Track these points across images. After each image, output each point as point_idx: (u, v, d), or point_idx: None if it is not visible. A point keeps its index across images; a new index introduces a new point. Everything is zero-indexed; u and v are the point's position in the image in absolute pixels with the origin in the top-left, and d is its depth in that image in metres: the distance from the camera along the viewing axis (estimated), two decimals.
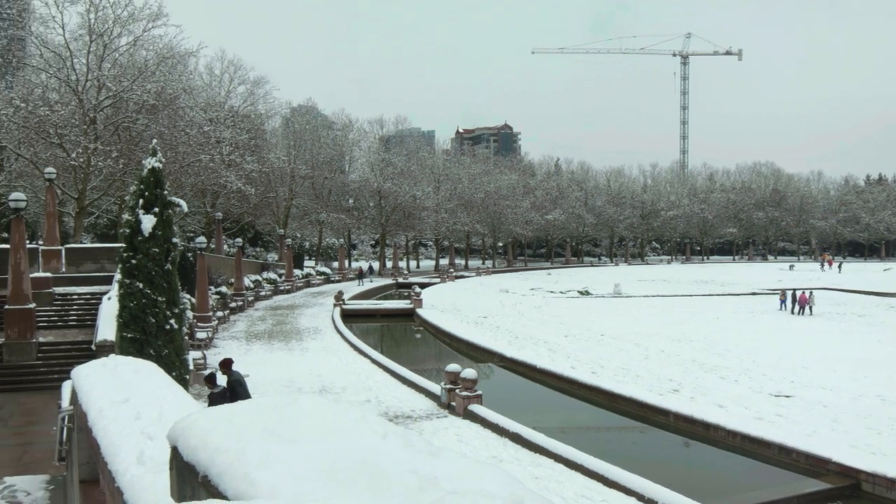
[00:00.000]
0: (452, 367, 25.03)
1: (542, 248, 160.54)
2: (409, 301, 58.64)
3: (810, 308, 54.57)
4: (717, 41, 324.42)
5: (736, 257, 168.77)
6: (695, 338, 40.36)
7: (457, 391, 24.17)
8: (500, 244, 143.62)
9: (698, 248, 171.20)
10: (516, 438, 20.43)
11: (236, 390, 17.18)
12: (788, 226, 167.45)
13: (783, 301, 57.26)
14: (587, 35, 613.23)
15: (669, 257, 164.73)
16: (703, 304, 61.35)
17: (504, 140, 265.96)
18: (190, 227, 70.65)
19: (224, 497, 2.71)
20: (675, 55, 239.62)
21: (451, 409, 24.33)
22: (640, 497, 15.78)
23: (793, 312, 54.68)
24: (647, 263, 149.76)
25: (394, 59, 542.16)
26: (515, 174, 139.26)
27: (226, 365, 17.91)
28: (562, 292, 73.28)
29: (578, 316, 51.62)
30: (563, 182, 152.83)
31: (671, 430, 23.41)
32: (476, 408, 23.35)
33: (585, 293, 72.37)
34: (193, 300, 39.92)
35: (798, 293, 56.49)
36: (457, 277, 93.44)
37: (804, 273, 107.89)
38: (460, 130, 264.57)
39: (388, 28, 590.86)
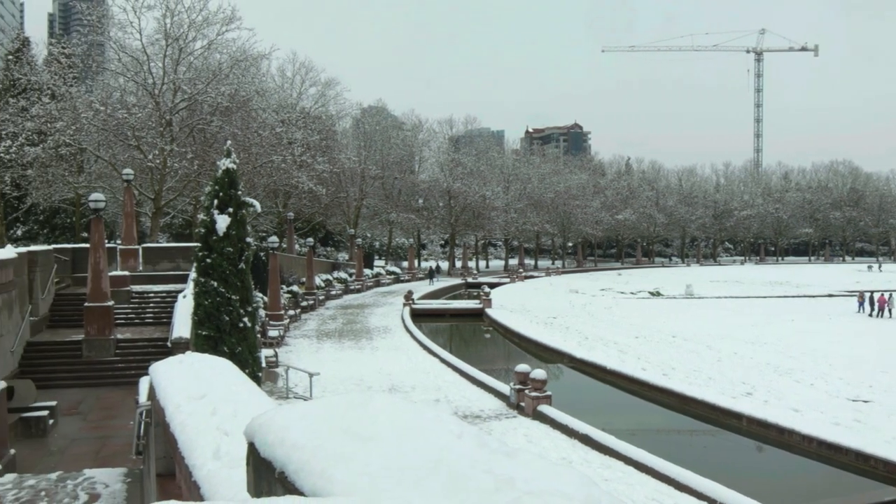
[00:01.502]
0: (522, 367, 24.98)
1: (613, 248, 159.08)
2: (478, 301, 58.61)
3: (890, 310, 53.15)
4: (793, 37, 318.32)
5: (812, 258, 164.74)
6: (769, 340, 39.58)
7: (526, 391, 24.11)
8: (570, 244, 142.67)
9: (772, 249, 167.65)
10: (586, 440, 20.30)
11: None
12: (867, 226, 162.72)
13: (861, 303, 55.86)
14: (658, 33, 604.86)
15: (743, 258, 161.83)
16: (777, 306, 60.14)
17: (574, 139, 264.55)
18: (262, 226, 71.66)
19: (300, 493, 2.75)
20: (748, 52, 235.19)
21: (521, 410, 24.28)
22: (711, 502, 15.54)
23: (871, 315, 53.33)
24: (720, 264, 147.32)
25: (464, 59, 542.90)
26: (585, 174, 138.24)
27: None
28: (632, 293, 72.59)
29: (649, 317, 51.04)
30: (634, 181, 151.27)
31: (744, 434, 23.00)
32: (545, 408, 23.26)
33: (656, 294, 71.59)
34: (266, 299, 40.49)
35: (877, 295, 55.06)
36: (526, 277, 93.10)
37: (883, 274, 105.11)
38: (530, 130, 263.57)
39: (458, 28, 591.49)
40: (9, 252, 27.19)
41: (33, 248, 33.86)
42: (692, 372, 30.33)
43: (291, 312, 47.75)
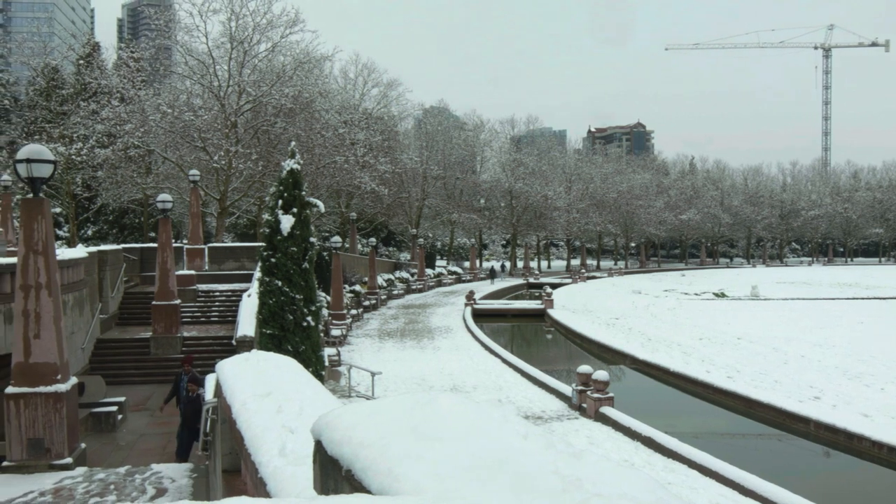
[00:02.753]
0: (584, 368, 24.83)
1: (676, 248, 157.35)
2: (539, 301, 58.38)
3: None
4: (863, 32, 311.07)
5: (882, 259, 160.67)
6: (838, 343, 38.68)
7: (588, 393, 23.95)
8: (633, 244, 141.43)
9: (841, 250, 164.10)
10: (648, 442, 20.08)
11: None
12: None
13: None
14: (723, 30, 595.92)
15: (810, 259, 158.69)
16: (846, 308, 58.73)
17: (637, 139, 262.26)
18: (326, 226, 72.35)
19: (368, 491, 2.76)
20: (816, 48, 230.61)
21: (582, 411, 24.13)
22: None
23: None
24: (786, 265, 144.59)
25: (525, 59, 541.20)
26: (648, 173, 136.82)
27: (189, 362, 18.85)
28: (696, 294, 71.59)
29: (714, 318, 50.27)
30: (698, 181, 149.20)
31: (811, 439, 22.53)
32: (607, 410, 23.08)
33: (721, 295, 70.48)
34: (329, 298, 40.82)
35: None
36: (588, 278, 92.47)
37: None
38: (592, 129, 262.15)
39: (519, 29, 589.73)
40: (80, 251, 27.84)
41: (103, 247, 34.60)
42: (758, 375, 29.81)
43: (354, 312, 48.07)
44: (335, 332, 38.57)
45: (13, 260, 16.51)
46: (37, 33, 79.28)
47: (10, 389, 14.17)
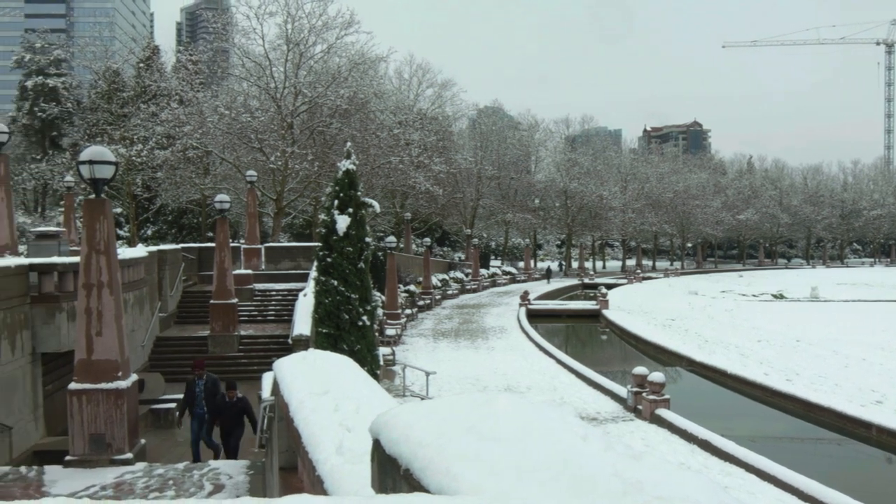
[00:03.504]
0: (639, 369, 24.62)
1: (734, 249, 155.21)
2: (594, 302, 58.02)
3: None
4: None
5: None
6: None
7: (644, 394, 23.74)
8: (689, 245, 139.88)
9: None
10: (705, 445, 19.82)
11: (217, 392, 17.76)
12: None
13: None
14: (781, 26, 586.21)
15: (872, 260, 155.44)
16: None
17: (693, 138, 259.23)
18: (380, 226, 72.67)
19: (426, 490, 2.77)
20: (878, 44, 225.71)
21: (638, 413, 23.92)
22: None
23: None
24: (847, 266, 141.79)
25: (580, 58, 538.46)
26: (705, 173, 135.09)
27: (201, 366, 18.28)
28: (754, 295, 70.55)
29: (772, 320, 49.43)
30: (756, 180, 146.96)
31: (873, 444, 22.04)
32: (663, 412, 22.84)
33: (780, 297, 69.38)
34: (383, 298, 40.98)
35: None
36: (644, 278, 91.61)
37: None
38: (647, 129, 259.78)
39: (574, 28, 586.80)
40: (140, 251, 28.34)
41: (162, 247, 35.18)
42: (817, 378, 29.26)
43: (408, 311, 48.20)
44: (390, 331, 38.73)
45: (76, 259, 16.85)
46: (98, 38, 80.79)
47: (72, 386, 14.46)
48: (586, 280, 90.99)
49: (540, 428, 2.96)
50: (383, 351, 30.44)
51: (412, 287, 55.30)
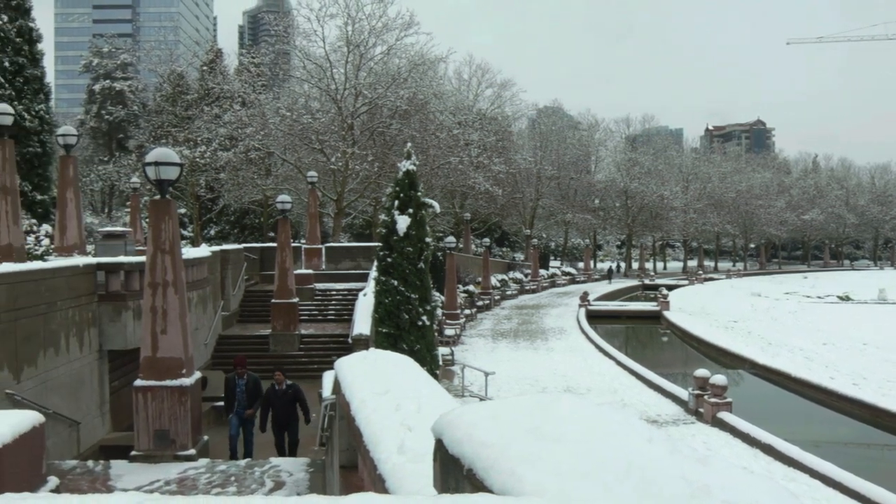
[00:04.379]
0: (701, 372, 24.33)
1: (798, 249, 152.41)
2: (655, 303, 57.45)
3: None
4: None
5: None
6: None
7: (705, 397, 23.44)
8: (752, 246, 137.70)
9: None
10: (768, 450, 19.49)
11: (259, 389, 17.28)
12: None
13: None
14: (846, 22, 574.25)
15: None
16: None
17: (756, 137, 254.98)
18: (440, 227, 72.80)
19: (489, 491, 2.75)
20: None
21: (699, 416, 23.63)
22: None
23: None
24: None
25: (639, 57, 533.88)
26: (769, 172, 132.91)
27: (242, 363, 17.50)
28: (819, 297, 69.22)
29: (838, 323, 48.37)
30: (822, 180, 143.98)
31: None
32: (725, 415, 22.53)
33: (846, 299, 67.90)
34: (443, 298, 41.05)
35: None
36: (706, 280, 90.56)
37: None
38: (710, 128, 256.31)
39: (633, 26, 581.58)
40: (204, 251, 28.76)
41: (225, 247, 35.67)
42: (885, 382, 28.56)
43: (467, 312, 48.24)
44: (449, 331, 38.78)
45: (142, 259, 17.18)
46: (163, 42, 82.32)
47: (138, 382, 14.73)
48: (646, 281, 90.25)
49: (604, 430, 2.93)
50: (442, 351, 30.46)
51: (471, 287, 55.31)
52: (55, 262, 19.20)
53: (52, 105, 63.76)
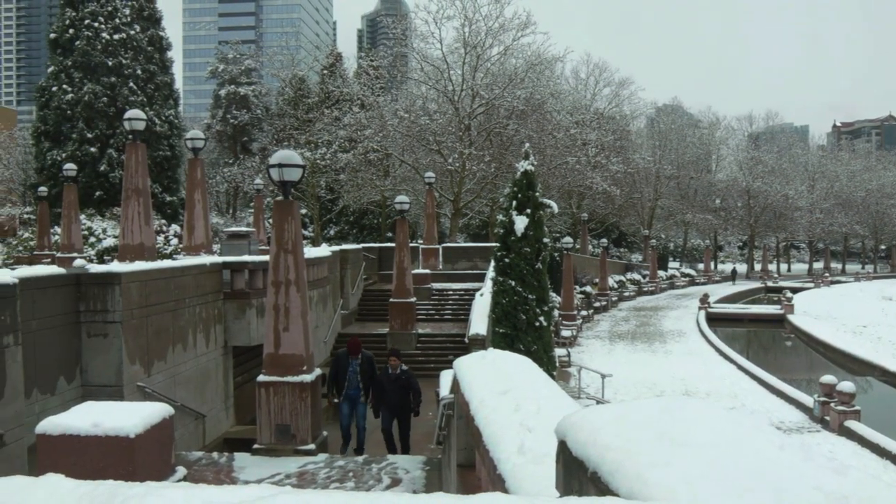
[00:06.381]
0: (827, 378, 23.51)
1: None
2: (778, 306, 55.76)
3: None
4: None
5: None
6: None
7: (832, 405, 22.63)
8: (883, 247, 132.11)
9: None
10: None
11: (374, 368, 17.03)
12: None
13: None
14: None
15: None
16: None
17: (888, 133, 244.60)
18: (556, 227, 72.41)
19: (615, 494, 2.71)
20: None
21: (825, 424, 22.85)
22: None
23: None
24: None
25: (762, 52, 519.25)
26: None
27: (356, 347, 17.08)
28: None
29: None
30: None
31: None
32: (853, 424, 21.70)
33: None
34: (559, 299, 40.82)
35: None
36: (832, 282, 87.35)
37: None
38: (837, 124, 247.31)
39: (756, 21, 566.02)
40: (324, 250, 29.37)
41: (345, 246, 36.28)
42: None
43: (584, 313, 47.87)
44: (565, 332, 38.54)
45: (265, 258, 17.68)
46: (285, 47, 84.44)
47: (261, 378, 15.12)
48: (769, 283, 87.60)
49: (733, 435, 2.85)
50: (558, 352, 30.27)
51: (588, 288, 54.84)
52: (184, 260, 19.92)
53: (180, 110, 66.23)
